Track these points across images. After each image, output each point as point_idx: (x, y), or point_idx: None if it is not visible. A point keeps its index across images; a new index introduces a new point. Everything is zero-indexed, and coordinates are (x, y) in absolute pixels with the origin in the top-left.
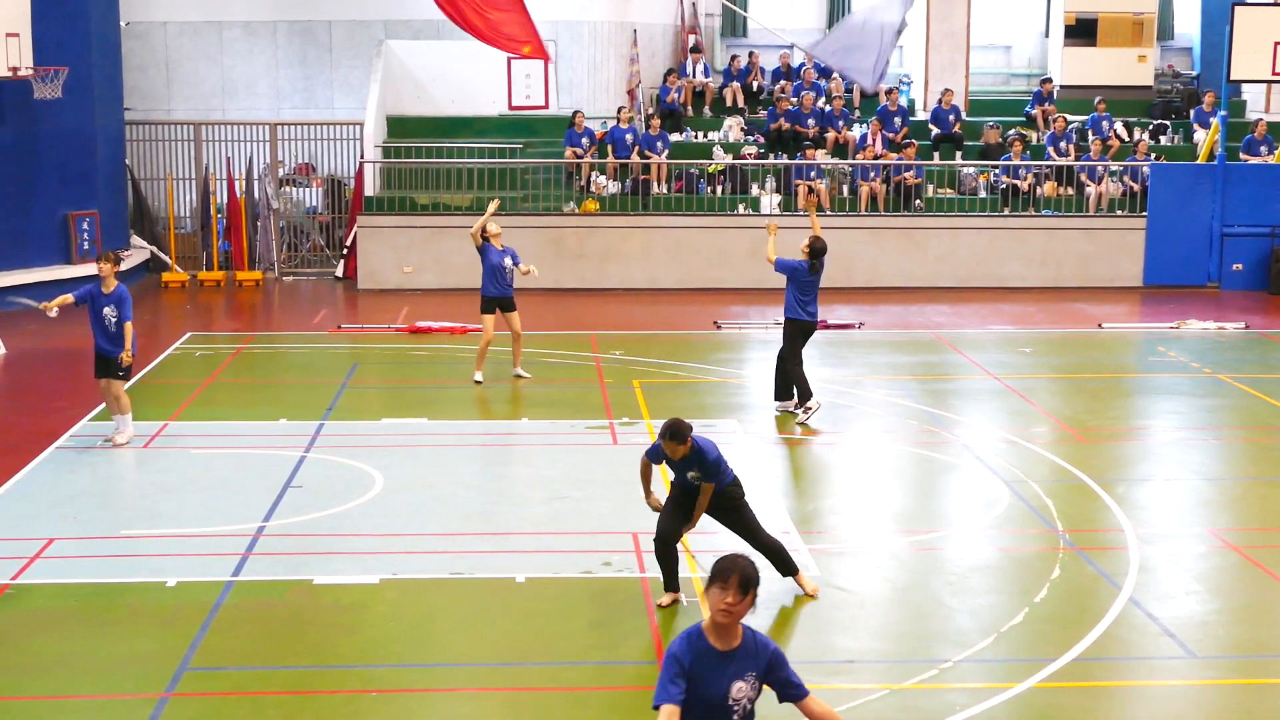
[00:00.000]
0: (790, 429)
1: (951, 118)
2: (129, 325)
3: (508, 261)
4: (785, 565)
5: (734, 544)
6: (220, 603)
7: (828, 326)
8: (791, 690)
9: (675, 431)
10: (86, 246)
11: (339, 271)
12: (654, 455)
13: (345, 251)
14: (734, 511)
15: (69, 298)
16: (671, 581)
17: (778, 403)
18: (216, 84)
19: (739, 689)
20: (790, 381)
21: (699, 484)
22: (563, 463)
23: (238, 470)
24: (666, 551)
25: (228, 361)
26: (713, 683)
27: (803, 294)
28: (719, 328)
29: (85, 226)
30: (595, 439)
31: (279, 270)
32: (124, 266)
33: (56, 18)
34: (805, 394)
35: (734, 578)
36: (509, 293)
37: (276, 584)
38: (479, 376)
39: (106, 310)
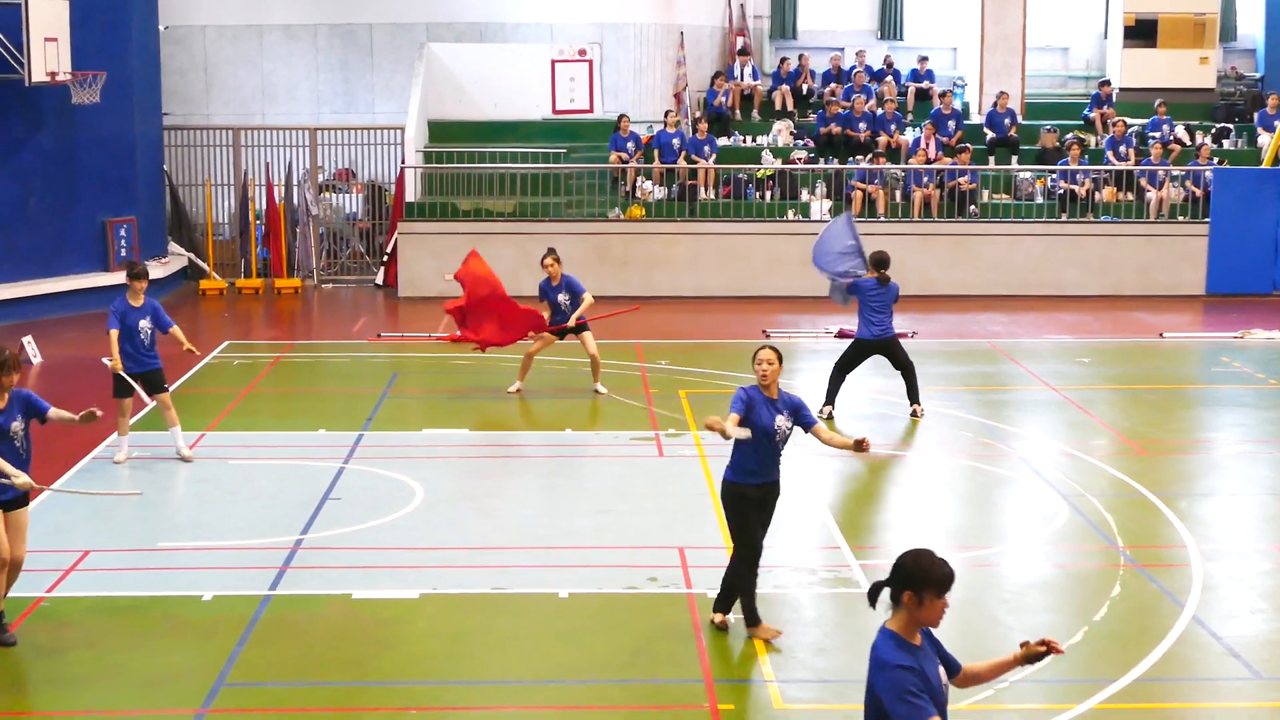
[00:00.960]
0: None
1: (1007, 121)
2: (176, 329)
3: (563, 298)
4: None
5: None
6: (258, 617)
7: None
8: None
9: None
10: (124, 253)
11: (379, 279)
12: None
13: (386, 258)
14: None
15: (115, 349)
16: (729, 603)
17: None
18: (256, 88)
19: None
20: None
21: (788, 432)
22: (607, 475)
23: (276, 481)
24: (753, 569)
25: (266, 371)
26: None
27: (872, 311)
28: (768, 336)
29: (123, 233)
30: (641, 451)
31: (318, 277)
32: (161, 274)
33: (96, 22)
34: (828, 398)
35: (948, 581)
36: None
37: (315, 598)
38: (516, 387)
39: (143, 324)
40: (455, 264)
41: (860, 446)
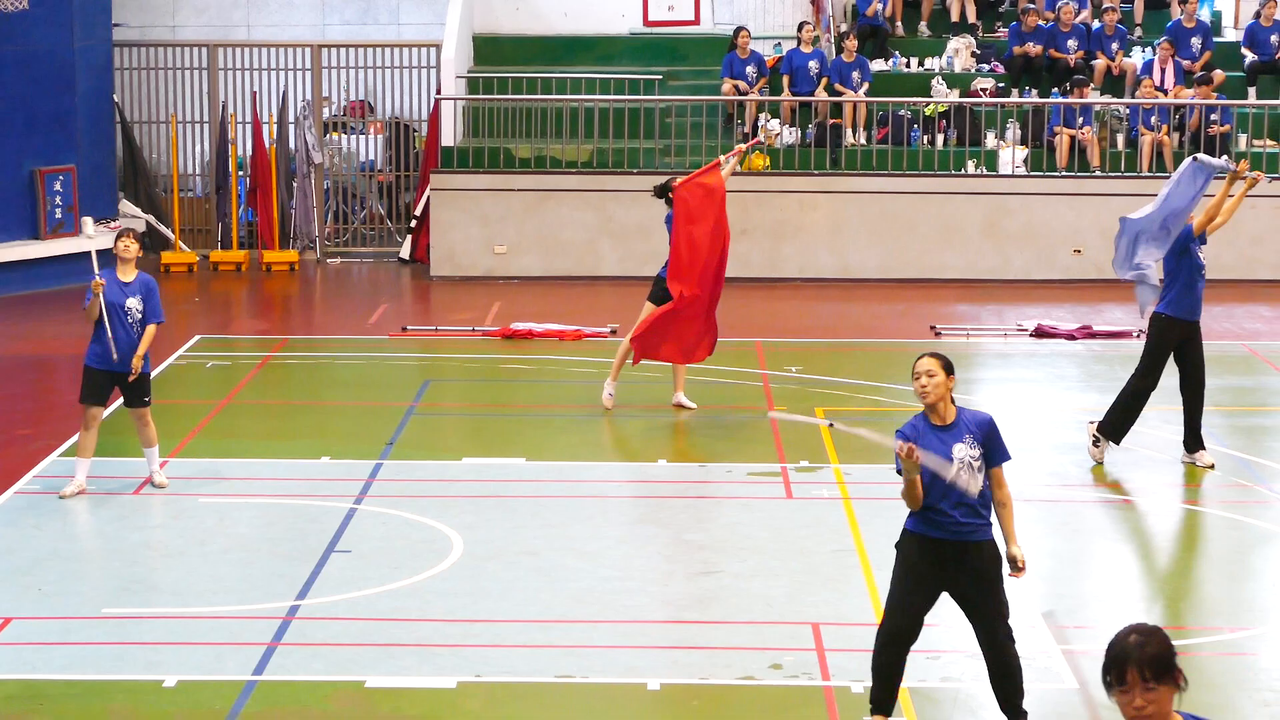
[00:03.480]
0: (1047, 486)
1: (1275, 39)
2: (153, 329)
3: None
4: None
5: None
6: (237, 711)
7: (1092, 334)
8: None
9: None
10: (60, 215)
11: (405, 252)
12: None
13: (414, 224)
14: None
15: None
16: (887, 699)
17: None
18: None
19: None
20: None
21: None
22: (716, 523)
23: (262, 527)
24: (900, 653)
25: (251, 375)
26: None
27: (1173, 279)
28: (938, 335)
29: (59, 188)
30: (761, 490)
31: (322, 250)
32: (108, 244)
33: None
34: (1115, 429)
35: (1130, 670)
36: None
37: (315, 686)
38: (610, 391)
39: (131, 302)
40: (508, 231)
41: (1014, 565)
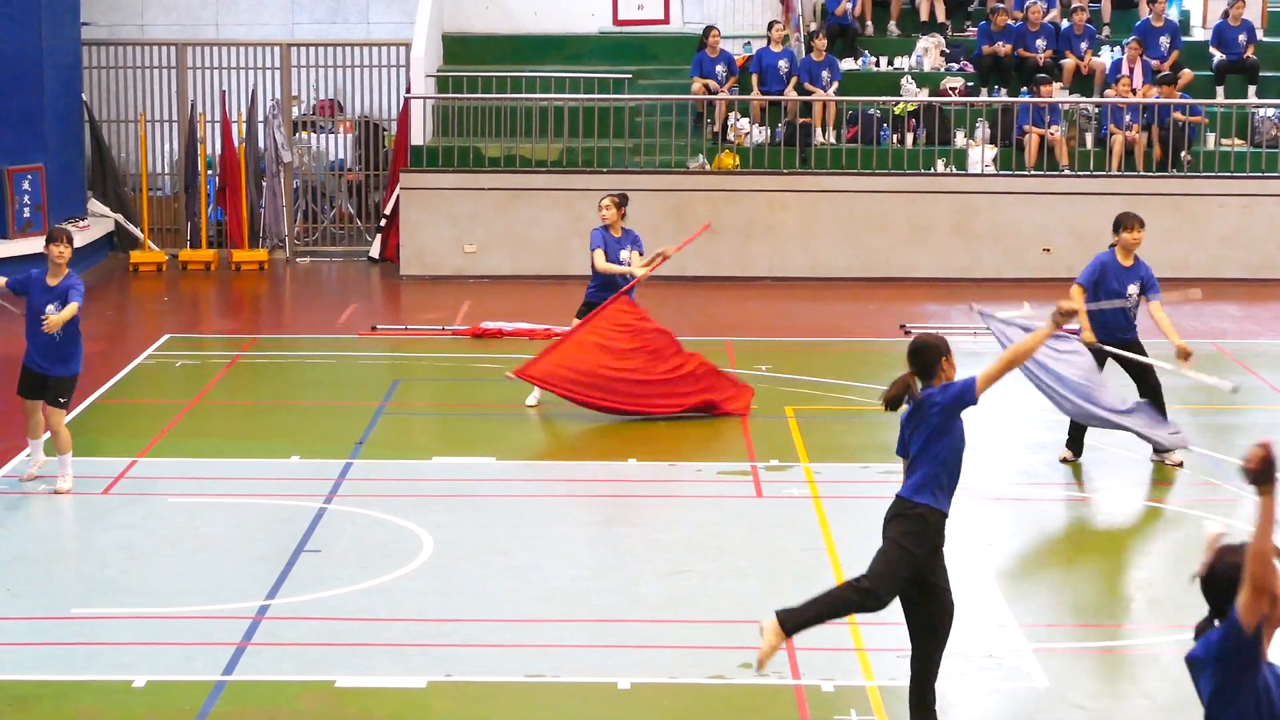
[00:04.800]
0: (1017, 485)
1: (1243, 38)
2: (75, 306)
3: (627, 256)
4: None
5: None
6: (207, 711)
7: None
8: None
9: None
10: (28, 214)
11: (374, 251)
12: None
13: (384, 223)
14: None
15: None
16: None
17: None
18: None
19: None
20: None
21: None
22: (686, 522)
23: (231, 527)
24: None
25: (220, 374)
26: None
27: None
28: (908, 333)
29: (27, 187)
30: (732, 489)
31: (291, 249)
32: (80, 242)
33: None
34: (1074, 442)
35: None
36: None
37: (285, 686)
38: (533, 399)
39: (50, 309)
40: (477, 230)
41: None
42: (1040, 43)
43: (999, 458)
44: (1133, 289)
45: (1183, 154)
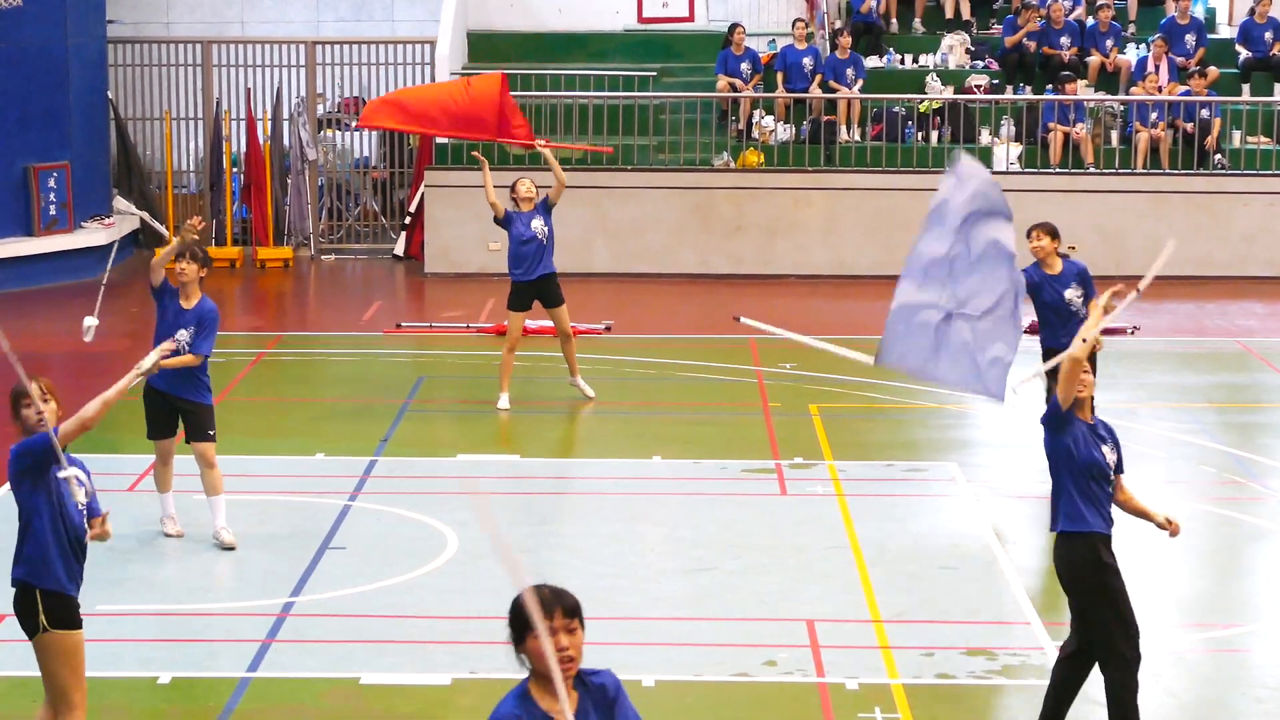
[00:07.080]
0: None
1: (1269, 35)
2: (192, 359)
3: (538, 225)
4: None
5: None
6: (232, 708)
7: None
8: None
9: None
10: (54, 212)
11: (399, 249)
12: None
13: (408, 221)
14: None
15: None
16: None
17: None
18: None
19: None
20: None
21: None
22: (710, 520)
23: (256, 524)
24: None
25: (244, 373)
26: None
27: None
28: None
29: (53, 185)
30: (756, 487)
31: (316, 246)
32: (106, 240)
33: None
34: None
35: (556, 609)
36: (547, 271)
37: (309, 683)
38: (503, 403)
39: (181, 334)
40: (501, 230)
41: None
42: (1065, 40)
43: (1022, 455)
44: (1070, 293)
45: (1216, 156)
